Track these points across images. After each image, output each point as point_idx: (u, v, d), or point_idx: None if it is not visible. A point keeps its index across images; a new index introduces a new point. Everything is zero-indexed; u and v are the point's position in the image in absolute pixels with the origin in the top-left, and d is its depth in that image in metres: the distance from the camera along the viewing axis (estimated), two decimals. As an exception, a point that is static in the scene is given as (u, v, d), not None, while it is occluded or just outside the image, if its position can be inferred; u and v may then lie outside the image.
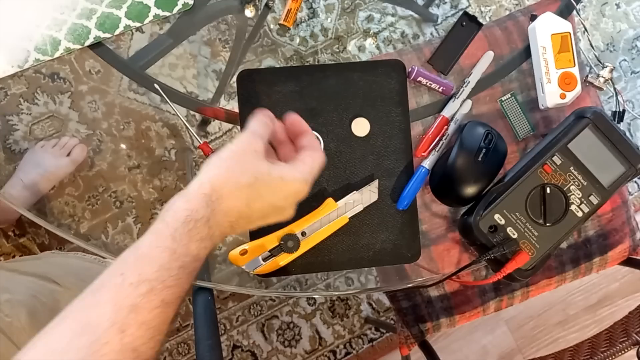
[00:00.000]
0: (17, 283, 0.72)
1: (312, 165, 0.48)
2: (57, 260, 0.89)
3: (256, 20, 0.88)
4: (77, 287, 0.77)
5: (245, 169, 0.43)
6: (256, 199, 0.43)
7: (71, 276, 0.78)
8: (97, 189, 1.12)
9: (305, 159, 0.48)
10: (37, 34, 0.61)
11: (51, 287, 0.74)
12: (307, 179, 0.47)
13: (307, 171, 0.47)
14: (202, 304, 0.67)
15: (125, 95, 1.11)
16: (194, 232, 0.39)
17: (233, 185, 0.42)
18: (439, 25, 1.09)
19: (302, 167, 0.47)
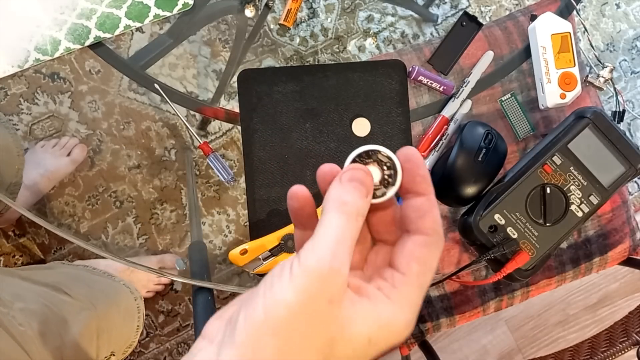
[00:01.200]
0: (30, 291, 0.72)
1: (423, 280, 0.28)
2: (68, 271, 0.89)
3: (256, 20, 0.89)
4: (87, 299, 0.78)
5: (310, 344, 0.24)
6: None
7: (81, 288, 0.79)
8: (97, 189, 1.12)
9: (409, 272, 0.27)
10: (37, 34, 0.61)
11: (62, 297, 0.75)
12: (413, 316, 0.27)
13: (411, 297, 0.27)
14: (202, 304, 0.67)
15: (125, 95, 1.11)
16: None
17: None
18: (439, 25, 1.09)
19: (404, 290, 0.27)
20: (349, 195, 0.27)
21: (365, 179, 0.29)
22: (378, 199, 0.30)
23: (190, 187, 1.14)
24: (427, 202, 0.29)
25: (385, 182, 0.30)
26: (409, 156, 0.30)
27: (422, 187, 0.29)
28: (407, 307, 0.27)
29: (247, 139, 0.62)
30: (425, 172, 0.29)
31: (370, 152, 0.31)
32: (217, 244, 1.16)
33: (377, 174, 0.30)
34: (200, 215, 1.15)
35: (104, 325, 0.78)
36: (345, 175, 0.29)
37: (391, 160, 0.30)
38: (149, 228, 1.13)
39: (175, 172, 1.12)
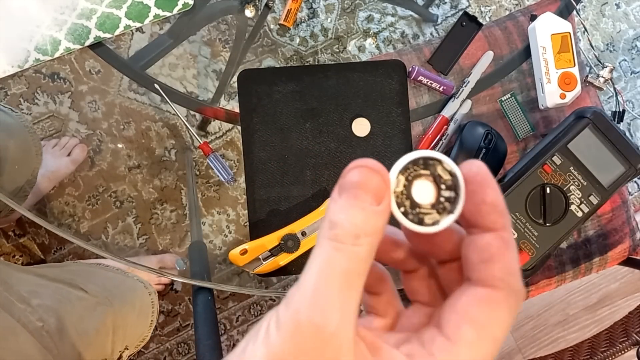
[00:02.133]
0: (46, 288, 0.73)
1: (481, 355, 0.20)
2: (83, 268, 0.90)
3: (256, 20, 0.89)
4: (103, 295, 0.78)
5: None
6: None
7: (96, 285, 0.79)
8: (97, 189, 1.12)
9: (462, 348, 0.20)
10: (37, 34, 0.61)
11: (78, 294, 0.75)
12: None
13: None
14: (202, 304, 0.67)
15: (125, 95, 1.11)
16: None
17: None
18: (439, 25, 1.09)
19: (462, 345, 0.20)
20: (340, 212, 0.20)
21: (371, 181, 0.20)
22: (425, 228, 0.22)
23: (190, 187, 1.14)
24: (496, 240, 0.21)
25: (439, 206, 0.22)
26: (474, 174, 0.21)
27: (491, 219, 0.21)
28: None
29: (247, 139, 0.62)
30: (496, 198, 0.21)
31: (428, 161, 0.22)
32: (217, 244, 1.16)
33: (431, 193, 0.22)
34: (200, 215, 1.15)
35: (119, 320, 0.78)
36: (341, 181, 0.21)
37: (454, 178, 0.22)
38: (149, 228, 1.14)
39: (175, 172, 1.12)
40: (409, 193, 0.22)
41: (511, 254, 0.21)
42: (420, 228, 0.22)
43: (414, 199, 0.22)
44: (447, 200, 0.22)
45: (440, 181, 0.22)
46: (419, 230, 0.22)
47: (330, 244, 0.19)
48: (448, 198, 0.22)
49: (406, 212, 0.22)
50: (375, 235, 0.20)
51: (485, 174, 0.21)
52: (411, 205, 0.22)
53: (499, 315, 0.20)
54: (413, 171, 0.22)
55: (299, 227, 0.58)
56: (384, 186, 0.21)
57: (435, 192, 0.22)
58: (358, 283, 0.19)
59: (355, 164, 0.21)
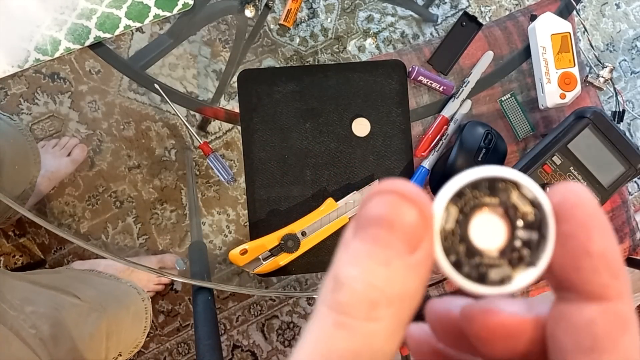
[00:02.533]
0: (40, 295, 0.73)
1: None
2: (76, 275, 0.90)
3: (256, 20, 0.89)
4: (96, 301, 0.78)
5: None
6: None
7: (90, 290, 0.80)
8: (97, 189, 1.12)
9: None
10: (37, 34, 0.61)
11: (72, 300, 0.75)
12: None
13: None
14: (202, 304, 0.67)
15: (125, 95, 1.11)
16: None
17: None
18: (439, 25, 1.09)
19: None
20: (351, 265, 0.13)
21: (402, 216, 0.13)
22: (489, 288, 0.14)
23: (190, 187, 1.14)
24: (605, 316, 0.13)
25: (514, 255, 0.14)
26: (571, 205, 0.14)
27: (599, 282, 0.14)
28: None
29: (247, 139, 0.62)
30: (608, 246, 0.14)
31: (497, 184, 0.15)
32: (217, 244, 1.16)
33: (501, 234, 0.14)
34: (200, 215, 1.15)
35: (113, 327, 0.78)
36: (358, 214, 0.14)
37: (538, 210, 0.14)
38: (149, 228, 1.14)
39: (175, 172, 1.12)
40: (464, 233, 0.14)
41: (631, 339, 0.13)
42: (481, 288, 0.14)
43: (472, 242, 0.14)
44: (525, 244, 0.14)
45: (516, 215, 0.14)
46: (481, 291, 0.14)
47: (332, 317, 0.13)
48: (528, 242, 0.14)
49: (459, 263, 0.14)
50: (404, 301, 0.13)
51: (590, 207, 0.14)
52: (467, 252, 0.14)
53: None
54: (472, 199, 0.15)
55: (299, 227, 0.58)
56: (423, 224, 0.13)
57: (508, 231, 0.14)
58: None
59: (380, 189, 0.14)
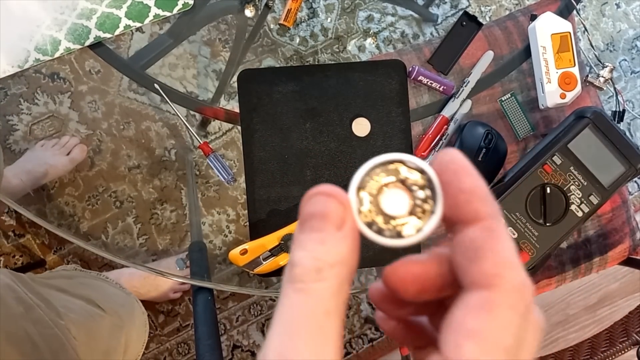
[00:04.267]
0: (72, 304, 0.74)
1: None
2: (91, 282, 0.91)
3: (256, 20, 0.89)
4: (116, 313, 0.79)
5: None
6: None
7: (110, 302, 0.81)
8: (97, 189, 1.12)
9: None
10: (37, 34, 0.61)
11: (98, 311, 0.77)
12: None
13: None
14: (202, 304, 0.67)
15: (125, 95, 1.11)
16: None
17: None
18: (439, 25, 1.09)
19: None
20: (299, 249, 0.18)
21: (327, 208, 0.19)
22: (406, 239, 0.19)
23: (190, 187, 1.14)
24: (481, 232, 0.18)
25: (418, 210, 0.19)
26: (446, 163, 0.19)
27: (472, 209, 0.18)
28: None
29: (247, 139, 0.62)
30: (474, 183, 0.18)
31: (388, 166, 0.20)
32: (217, 244, 1.16)
33: (405, 200, 0.19)
34: (200, 215, 1.15)
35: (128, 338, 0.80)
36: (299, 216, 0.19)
37: (424, 174, 0.19)
38: (149, 228, 1.14)
39: (175, 172, 1.12)
40: (378, 208, 0.19)
41: (503, 244, 0.18)
42: (399, 241, 0.19)
43: (385, 212, 0.19)
44: (424, 201, 0.19)
45: (410, 183, 0.19)
46: (399, 243, 0.19)
47: (291, 287, 0.18)
48: (425, 198, 0.19)
49: (380, 230, 0.19)
50: (341, 264, 0.18)
51: (458, 160, 0.19)
52: (385, 220, 0.19)
53: (501, 319, 0.16)
54: (375, 183, 0.19)
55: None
56: (343, 208, 0.19)
57: (409, 197, 0.19)
58: (330, 323, 0.17)
59: (308, 195, 0.19)
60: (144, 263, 0.96)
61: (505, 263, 0.17)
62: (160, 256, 1.14)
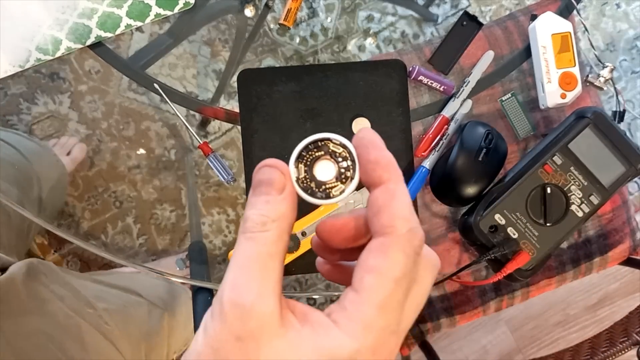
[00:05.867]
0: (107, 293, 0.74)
1: (380, 299, 0.22)
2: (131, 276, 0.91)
3: (256, 20, 0.88)
4: (159, 300, 0.79)
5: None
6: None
7: (150, 290, 0.81)
8: (97, 189, 1.12)
9: (362, 289, 0.22)
10: (38, 34, 0.61)
11: (136, 298, 0.77)
12: (373, 342, 0.21)
13: (368, 323, 0.21)
14: (202, 304, 0.67)
15: (125, 95, 1.11)
16: None
17: None
18: (439, 25, 1.09)
19: (356, 317, 0.22)
20: (250, 208, 0.24)
21: (271, 176, 0.24)
22: (333, 199, 0.25)
23: (190, 187, 1.14)
24: (382, 193, 0.23)
25: (342, 177, 0.25)
26: (360, 138, 0.24)
27: (376, 175, 0.23)
28: (358, 332, 0.21)
29: (247, 139, 0.61)
30: (378, 154, 0.24)
31: (319, 143, 0.25)
32: (217, 244, 1.16)
33: (332, 169, 0.25)
34: (200, 215, 1.15)
35: (173, 324, 0.79)
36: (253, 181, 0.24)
37: (346, 149, 0.25)
38: (148, 228, 1.13)
39: (175, 172, 1.12)
40: (312, 176, 0.25)
41: (398, 201, 0.23)
42: (328, 200, 0.25)
43: (317, 179, 0.25)
44: (347, 169, 0.25)
45: (336, 155, 0.25)
46: (327, 202, 0.25)
47: (243, 236, 0.23)
48: (347, 167, 0.25)
49: (313, 192, 0.25)
50: (281, 219, 0.23)
51: (369, 137, 0.24)
52: (317, 185, 0.25)
53: (392, 258, 0.22)
54: (309, 157, 0.25)
55: (299, 227, 0.58)
56: (283, 177, 0.24)
57: (336, 166, 0.25)
58: (272, 263, 0.23)
59: (258, 166, 0.25)
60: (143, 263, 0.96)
61: (397, 217, 0.22)
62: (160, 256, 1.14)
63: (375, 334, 0.21)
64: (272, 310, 0.21)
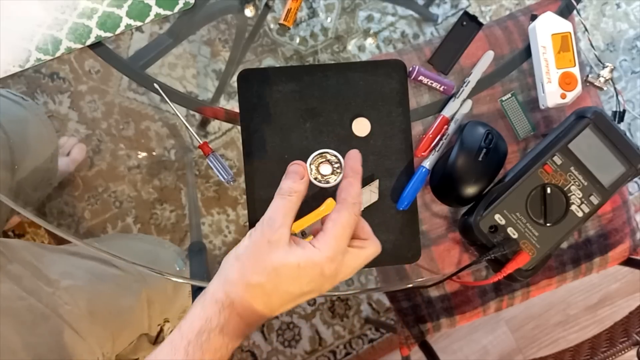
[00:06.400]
0: (79, 268, 0.72)
1: (336, 234, 0.42)
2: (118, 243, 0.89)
3: (256, 20, 0.88)
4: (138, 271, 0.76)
5: (256, 266, 0.41)
6: (272, 294, 0.41)
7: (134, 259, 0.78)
8: (96, 189, 1.12)
9: (326, 226, 0.43)
10: (38, 34, 0.61)
11: (112, 271, 0.74)
12: (330, 255, 0.41)
13: (329, 244, 0.42)
14: (202, 304, 0.67)
15: (125, 95, 1.11)
16: (208, 344, 0.40)
17: (243, 288, 0.41)
18: (439, 25, 1.09)
19: (322, 240, 0.42)
20: (283, 183, 0.45)
21: (298, 169, 0.46)
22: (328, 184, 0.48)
23: (190, 187, 1.14)
24: (345, 181, 0.46)
25: (335, 172, 0.48)
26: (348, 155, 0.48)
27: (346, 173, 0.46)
28: (324, 249, 0.42)
29: (247, 139, 0.61)
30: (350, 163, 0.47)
31: (322, 154, 0.48)
32: (217, 244, 1.16)
33: (330, 168, 0.48)
34: (200, 215, 1.15)
35: (154, 295, 0.77)
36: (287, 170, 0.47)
37: (337, 157, 0.48)
38: (148, 228, 1.13)
39: (175, 172, 1.12)
40: (318, 171, 0.48)
41: (351, 187, 0.45)
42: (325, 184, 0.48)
43: (321, 173, 0.48)
44: (337, 169, 0.48)
45: (332, 161, 0.48)
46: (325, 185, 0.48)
47: (278, 196, 0.44)
48: (337, 167, 0.48)
49: (319, 180, 0.48)
50: (299, 192, 0.45)
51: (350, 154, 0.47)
52: (322, 177, 0.48)
53: (342, 215, 0.43)
54: (317, 161, 0.48)
55: (299, 227, 0.58)
56: (304, 170, 0.46)
57: (331, 167, 0.48)
58: (290, 213, 0.44)
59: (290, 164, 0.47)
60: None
61: (349, 195, 0.44)
62: (160, 256, 1.14)
63: (332, 251, 0.42)
64: (286, 235, 0.42)
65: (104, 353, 0.68)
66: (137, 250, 0.84)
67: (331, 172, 0.47)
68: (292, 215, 0.43)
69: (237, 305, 0.41)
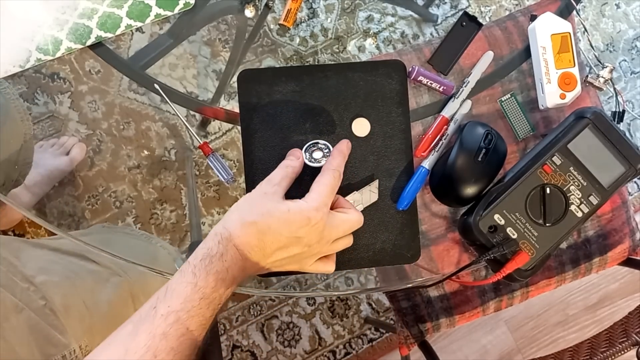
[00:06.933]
0: (56, 264, 0.72)
1: (319, 190, 0.51)
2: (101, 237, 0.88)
3: (256, 20, 0.89)
4: (117, 265, 0.77)
5: (252, 210, 0.49)
6: (266, 232, 0.48)
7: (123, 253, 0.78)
8: (97, 189, 1.12)
9: (312, 187, 0.52)
10: (38, 34, 0.61)
11: (90, 266, 0.74)
12: (316, 206, 0.50)
13: (314, 197, 0.50)
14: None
15: (125, 95, 1.11)
16: (210, 267, 0.47)
17: (239, 223, 0.48)
18: (439, 26, 1.09)
19: (308, 197, 0.51)
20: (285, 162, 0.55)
21: (295, 152, 0.57)
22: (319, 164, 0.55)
23: (190, 187, 1.14)
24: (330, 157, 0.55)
25: (324, 156, 0.56)
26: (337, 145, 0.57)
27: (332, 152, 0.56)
28: (309, 201, 0.50)
29: (247, 139, 0.62)
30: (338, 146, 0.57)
31: (315, 143, 0.57)
32: (217, 244, 1.15)
33: (320, 154, 0.57)
34: (200, 215, 1.15)
35: (138, 289, 0.77)
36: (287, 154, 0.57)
37: (327, 145, 0.57)
38: (148, 228, 1.14)
39: (175, 172, 1.12)
40: (311, 155, 0.57)
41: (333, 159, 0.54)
42: (317, 165, 0.55)
43: (313, 157, 0.56)
44: (327, 154, 0.56)
45: (322, 148, 0.57)
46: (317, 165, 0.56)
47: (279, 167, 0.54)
48: (327, 152, 0.57)
49: (311, 161, 0.56)
50: (294, 169, 0.54)
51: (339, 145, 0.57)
52: (314, 158, 0.56)
53: (326, 176, 0.52)
54: (311, 148, 0.57)
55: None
56: (300, 154, 0.56)
57: (322, 153, 0.57)
58: (286, 180, 0.53)
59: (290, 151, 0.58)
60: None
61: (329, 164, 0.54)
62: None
63: (316, 202, 0.50)
64: (280, 192, 0.51)
65: (81, 346, 0.69)
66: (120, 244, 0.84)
67: (322, 156, 0.56)
68: (287, 181, 0.53)
69: (234, 237, 0.48)
